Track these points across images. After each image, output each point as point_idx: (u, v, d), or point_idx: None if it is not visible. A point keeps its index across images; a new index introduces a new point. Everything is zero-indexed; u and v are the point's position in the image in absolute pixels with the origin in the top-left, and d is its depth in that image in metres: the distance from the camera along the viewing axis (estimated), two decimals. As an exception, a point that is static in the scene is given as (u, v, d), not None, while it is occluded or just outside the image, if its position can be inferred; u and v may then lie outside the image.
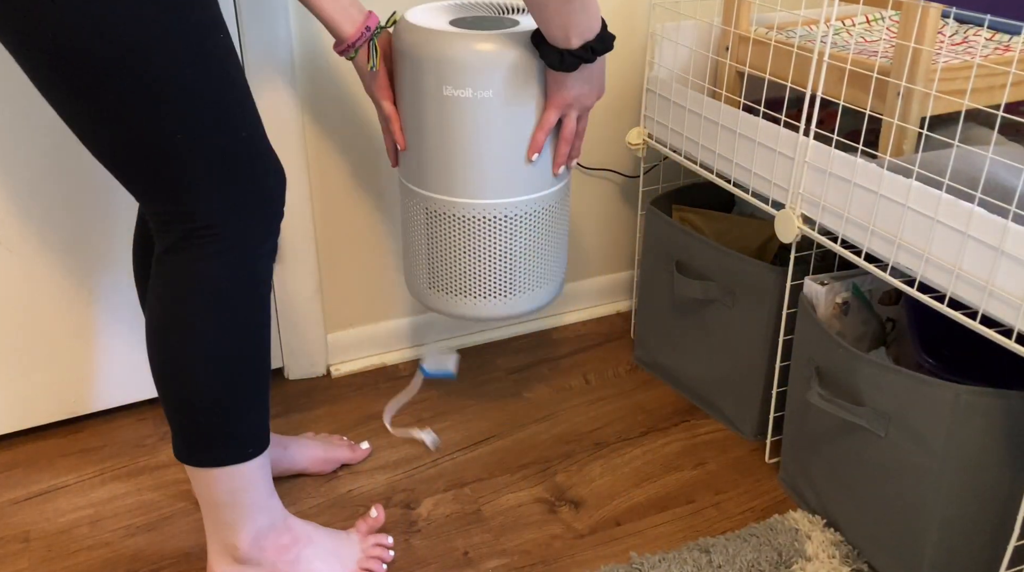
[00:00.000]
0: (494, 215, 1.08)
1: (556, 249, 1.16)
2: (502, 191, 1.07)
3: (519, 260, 1.12)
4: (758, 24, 1.32)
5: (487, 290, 1.13)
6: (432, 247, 1.12)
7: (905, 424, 0.99)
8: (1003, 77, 1.04)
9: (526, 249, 1.12)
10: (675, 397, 1.46)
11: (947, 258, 0.92)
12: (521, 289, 1.15)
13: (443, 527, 1.18)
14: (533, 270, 1.14)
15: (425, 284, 1.16)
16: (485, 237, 1.09)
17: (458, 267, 1.12)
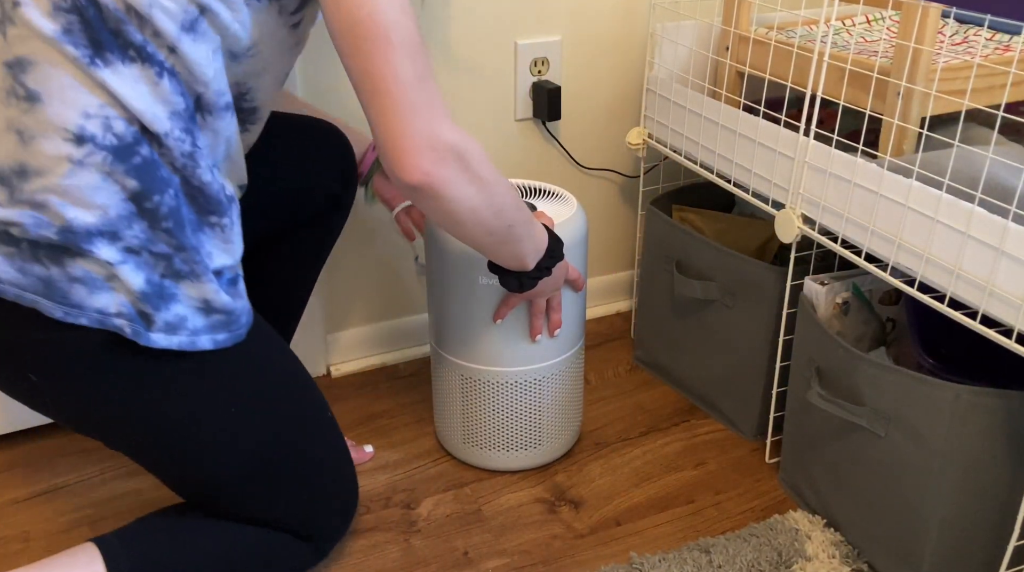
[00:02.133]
0: (524, 379, 1.21)
1: (575, 400, 1.29)
2: (530, 359, 1.20)
3: (546, 415, 1.25)
4: (758, 24, 1.32)
5: (518, 444, 1.26)
6: (467, 408, 1.24)
7: (905, 424, 0.99)
8: (1003, 77, 1.04)
9: (551, 405, 1.24)
10: (675, 397, 1.46)
11: (947, 258, 0.92)
12: (548, 440, 1.27)
13: (443, 527, 1.18)
14: (557, 422, 1.27)
15: (460, 440, 1.28)
16: (516, 397, 1.22)
17: (491, 424, 1.24)
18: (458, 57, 1.40)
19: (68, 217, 0.75)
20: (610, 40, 1.50)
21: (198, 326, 0.84)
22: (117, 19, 0.74)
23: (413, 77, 0.77)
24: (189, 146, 0.80)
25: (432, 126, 0.78)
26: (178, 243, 0.81)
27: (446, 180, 0.80)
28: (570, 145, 1.55)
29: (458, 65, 1.40)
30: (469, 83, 1.42)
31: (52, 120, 0.74)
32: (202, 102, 0.81)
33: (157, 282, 0.81)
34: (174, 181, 0.80)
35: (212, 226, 0.84)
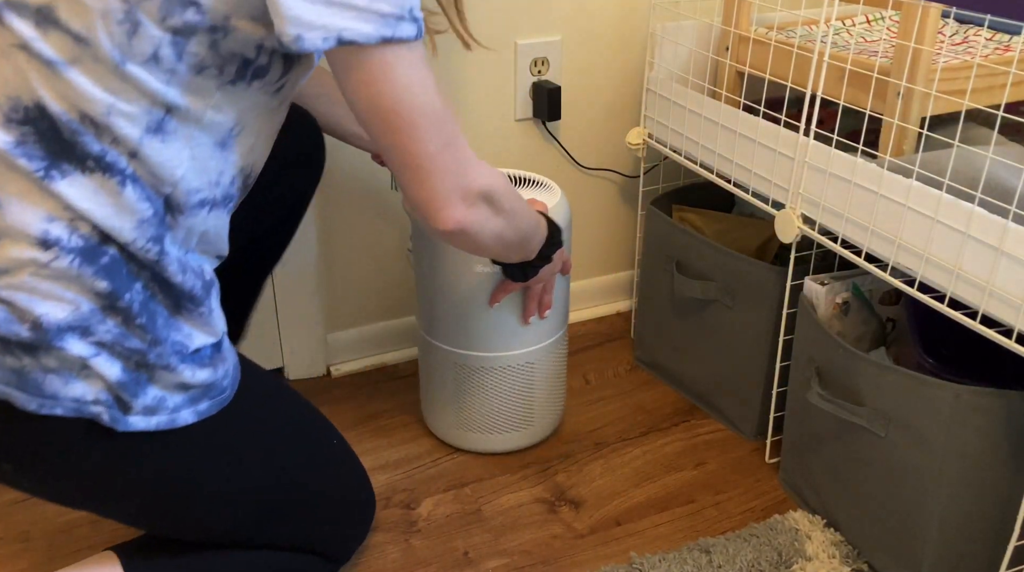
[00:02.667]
0: (515, 363, 1.24)
1: (560, 383, 1.33)
2: (520, 343, 1.23)
3: (536, 397, 1.28)
4: (758, 24, 1.32)
5: (508, 426, 1.29)
6: (459, 394, 1.27)
7: (905, 424, 0.99)
8: (1003, 77, 1.04)
9: (540, 387, 1.28)
10: (675, 397, 1.46)
11: (947, 258, 0.92)
12: (537, 421, 1.30)
13: (443, 527, 1.18)
14: (545, 404, 1.30)
15: (451, 424, 1.30)
16: (507, 381, 1.25)
17: (483, 408, 1.27)
18: (458, 57, 1.40)
19: (37, 313, 0.73)
20: (610, 40, 1.50)
21: (177, 403, 0.82)
22: (72, 130, 0.71)
23: (441, 147, 0.78)
24: (155, 255, 0.77)
25: (460, 181, 0.80)
26: (153, 338, 0.79)
27: (477, 224, 0.83)
28: (570, 145, 1.55)
29: (458, 65, 1.40)
30: (469, 83, 1.42)
31: (14, 225, 0.72)
32: (171, 202, 0.78)
33: (132, 373, 0.79)
34: (143, 274, 0.78)
35: (188, 312, 0.82)
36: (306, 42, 0.69)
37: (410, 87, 0.74)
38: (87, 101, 0.71)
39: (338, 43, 0.70)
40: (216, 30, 0.72)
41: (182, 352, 0.81)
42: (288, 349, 1.47)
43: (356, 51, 0.72)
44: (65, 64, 0.70)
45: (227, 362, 0.87)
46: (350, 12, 0.69)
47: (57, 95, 0.70)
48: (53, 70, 0.70)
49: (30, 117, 0.71)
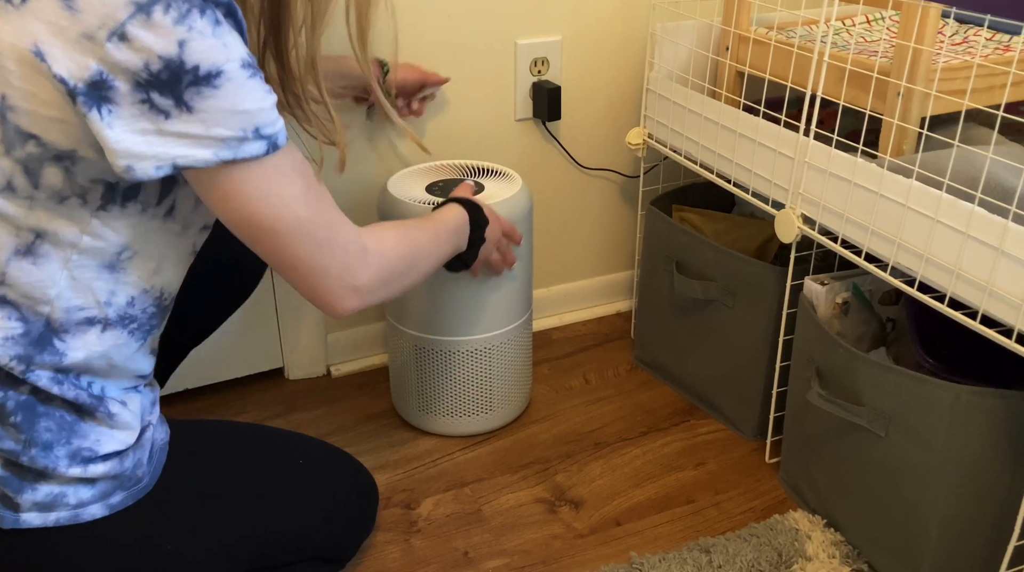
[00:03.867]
0: (475, 348, 1.28)
1: (524, 369, 1.37)
2: (480, 328, 1.27)
3: (496, 382, 1.32)
4: (758, 24, 1.32)
5: (470, 409, 1.33)
6: (421, 377, 1.31)
7: (905, 424, 0.99)
8: (1003, 77, 1.04)
9: (500, 372, 1.31)
10: (675, 397, 1.46)
11: (947, 258, 0.92)
12: (498, 406, 1.34)
13: (443, 527, 1.18)
14: (507, 389, 1.34)
15: (416, 408, 1.34)
16: (467, 365, 1.29)
17: (444, 392, 1.31)
18: (458, 57, 1.40)
19: None
20: (610, 40, 1.50)
21: (83, 498, 0.79)
22: None
23: (314, 250, 0.78)
24: (20, 373, 0.76)
25: (344, 279, 0.82)
26: (28, 439, 0.77)
27: (375, 298, 0.88)
28: (570, 145, 1.54)
29: (458, 65, 1.40)
30: (469, 83, 1.42)
31: None
32: (52, 320, 0.77)
33: (8, 472, 0.77)
34: (24, 387, 0.77)
35: (86, 419, 0.80)
36: (137, 172, 0.69)
37: (266, 200, 0.74)
38: None
39: (173, 169, 0.70)
40: (63, 158, 0.72)
41: (87, 456, 0.79)
42: (288, 349, 1.47)
43: (203, 172, 0.72)
44: None
45: (143, 451, 0.84)
46: (185, 140, 0.69)
47: None
48: None
49: None
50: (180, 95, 0.67)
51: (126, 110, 0.67)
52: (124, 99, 0.67)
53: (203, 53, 0.67)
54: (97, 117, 0.67)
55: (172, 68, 0.66)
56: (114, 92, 0.66)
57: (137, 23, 0.65)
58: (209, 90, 0.68)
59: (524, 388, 1.39)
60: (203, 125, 0.68)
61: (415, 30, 1.35)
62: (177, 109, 0.67)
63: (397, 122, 1.08)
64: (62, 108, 0.68)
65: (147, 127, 0.68)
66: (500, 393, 1.33)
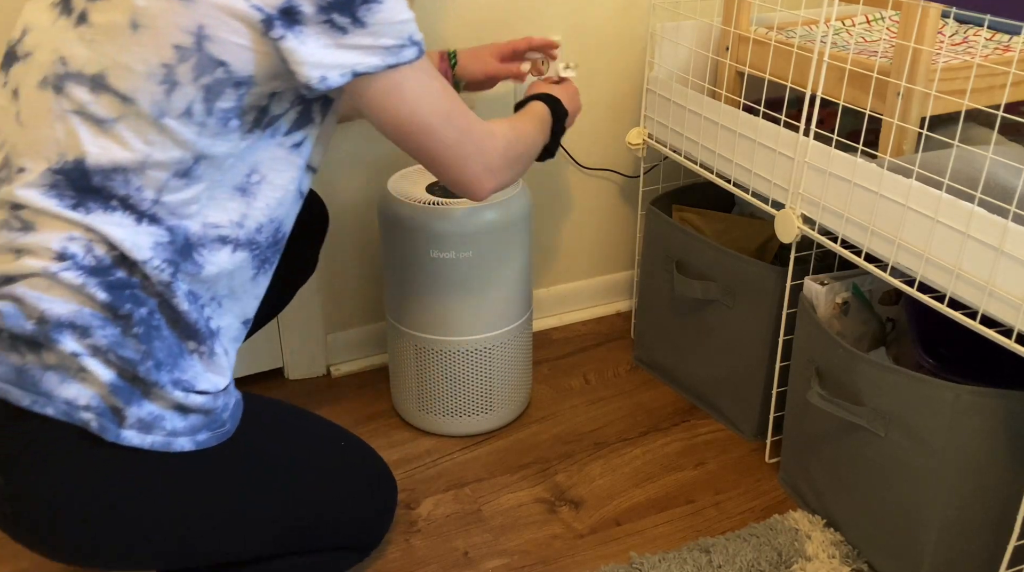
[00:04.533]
0: (474, 348, 1.28)
1: (524, 369, 1.37)
2: (482, 328, 1.27)
3: (495, 382, 1.32)
4: (758, 24, 1.32)
5: (469, 409, 1.33)
6: (421, 376, 1.31)
7: (905, 424, 0.99)
8: (1003, 77, 1.04)
9: (500, 372, 1.32)
10: (675, 397, 1.46)
11: (947, 258, 0.92)
12: (498, 406, 1.34)
13: (443, 527, 1.18)
14: (506, 388, 1.34)
15: (416, 407, 1.34)
16: (466, 365, 1.29)
17: (444, 391, 1.31)
18: (458, 57, 1.39)
19: (43, 308, 0.78)
20: (610, 40, 1.50)
21: (177, 427, 0.83)
22: (104, 178, 0.80)
23: (457, 137, 0.90)
24: (168, 276, 0.82)
25: (483, 160, 0.93)
26: (146, 350, 0.81)
27: (507, 181, 0.98)
28: (570, 145, 1.54)
29: (458, 65, 1.40)
30: (469, 83, 1.42)
31: (40, 243, 0.80)
32: (191, 236, 0.84)
33: (125, 383, 0.81)
34: (151, 302, 0.82)
35: (192, 352, 0.85)
36: (329, 80, 0.81)
37: (419, 97, 0.86)
38: (126, 152, 0.79)
39: (352, 76, 0.81)
40: (240, 84, 0.80)
41: (186, 388, 0.84)
42: (288, 349, 1.47)
43: (369, 79, 0.83)
44: (112, 121, 0.79)
45: (230, 397, 0.89)
46: (359, 51, 0.81)
47: (99, 148, 0.79)
48: (101, 127, 0.79)
49: (68, 169, 0.80)
50: (355, 13, 0.79)
51: (312, 29, 0.79)
52: (310, 21, 0.78)
53: None
54: (291, 38, 0.78)
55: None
56: (302, 16, 0.78)
57: None
58: (376, 5, 0.80)
59: (524, 388, 1.39)
60: (372, 37, 0.81)
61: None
62: (353, 25, 0.80)
63: None
64: (252, 37, 0.78)
65: (329, 42, 0.80)
66: (500, 393, 1.33)
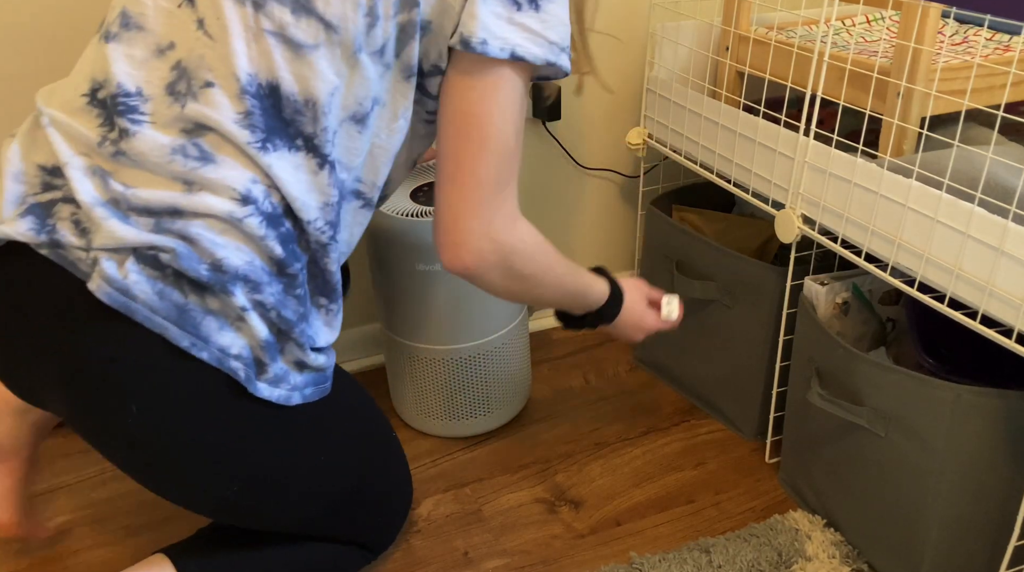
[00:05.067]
0: (469, 354, 1.27)
1: (522, 370, 1.37)
2: (474, 335, 1.26)
3: (492, 385, 1.32)
4: (758, 24, 1.32)
5: (469, 413, 1.33)
6: (416, 383, 1.31)
7: (905, 424, 0.99)
8: (1003, 77, 1.04)
9: (495, 376, 1.31)
10: (675, 397, 1.46)
11: (947, 258, 0.92)
12: (498, 407, 1.35)
13: (443, 527, 1.18)
14: (503, 391, 1.34)
15: (414, 412, 1.35)
16: (460, 372, 1.29)
17: (440, 397, 1.31)
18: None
19: (219, 255, 0.76)
20: (610, 40, 1.50)
21: (296, 382, 0.85)
22: (294, 110, 0.78)
23: (493, 178, 0.81)
24: (327, 238, 0.82)
25: (489, 227, 0.83)
26: (303, 313, 0.83)
27: (482, 277, 0.85)
28: (570, 145, 1.55)
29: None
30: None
31: (223, 180, 0.77)
32: (344, 190, 0.84)
33: (274, 339, 0.82)
34: (303, 258, 0.82)
35: (320, 307, 0.87)
36: (489, 47, 0.77)
37: (504, 111, 0.81)
38: (318, 82, 0.77)
39: (511, 56, 0.78)
40: (424, 29, 0.79)
41: (310, 335, 0.85)
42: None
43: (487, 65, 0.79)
44: (311, 47, 0.77)
45: (332, 355, 0.90)
46: (526, 33, 0.78)
47: (294, 75, 0.77)
48: (298, 52, 0.77)
49: (262, 94, 0.77)
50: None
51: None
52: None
53: None
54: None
55: None
56: None
57: None
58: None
59: (523, 389, 1.39)
60: (542, 24, 0.78)
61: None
62: (529, 4, 0.77)
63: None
64: None
65: (502, 13, 0.77)
66: (498, 396, 1.33)
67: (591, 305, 1.02)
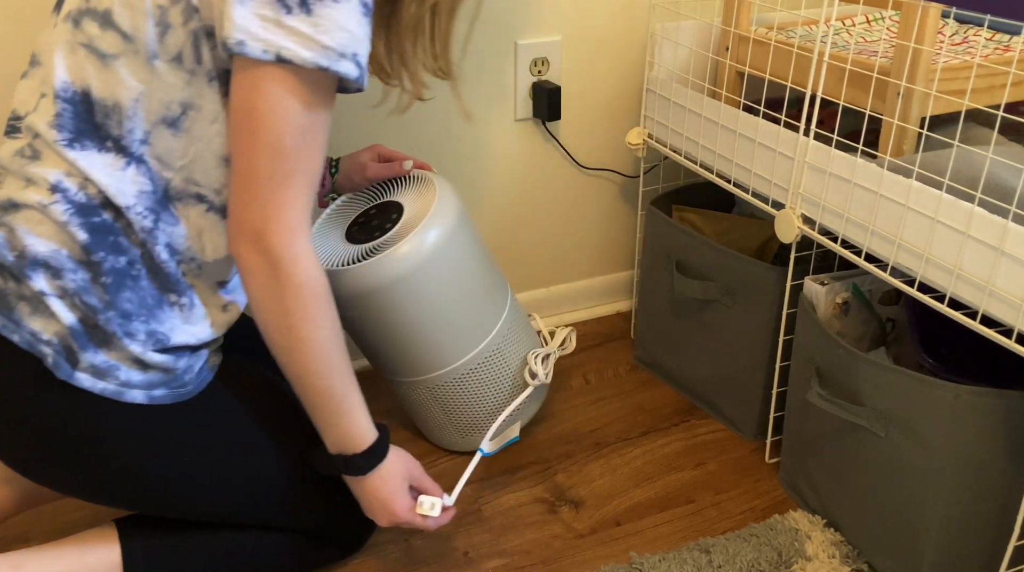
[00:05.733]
0: (453, 377, 1.20)
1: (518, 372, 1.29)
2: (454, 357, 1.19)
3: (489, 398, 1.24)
4: (758, 24, 1.32)
5: (465, 429, 1.27)
6: (408, 411, 1.29)
7: (905, 424, 0.99)
8: (1003, 77, 1.04)
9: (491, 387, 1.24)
10: (675, 397, 1.45)
11: (947, 258, 0.92)
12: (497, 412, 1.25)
13: (443, 527, 1.18)
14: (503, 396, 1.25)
15: (455, 437, 1.29)
16: (449, 394, 1.22)
17: (432, 419, 1.27)
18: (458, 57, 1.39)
19: (26, 243, 0.83)
20: (610, 40, 1.50)
21: (132, 379, 0.86)
22: (104, 114, 0.83)
23: (265, 176, 0.81)
24: (150, 223, 0.86)
25: (263, 226, 0.82)
26: (109, 301, 0.84)
27: (245, 275, 0.85)
28: (570, 145, 1.55)
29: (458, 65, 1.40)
30: (469, 83, 1.42)
31: (40, 174, 0.84)
32: (171, 189, 0.86)
33: (83, 329, 0.84)
34: (133, 252, 0.86)
35: (172, 304, 0.89)
36: (247, 49, 0.77)
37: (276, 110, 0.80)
38: (122, 89, 0.82)
39: (277, 59, 0.78)
40: (211, 35, 0.81)
41: (159, 340, 0.87)
42: (288, 349, 1.47)
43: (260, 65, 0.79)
44: (113, 57, 0.82)
45: (197, 360, 0.92)
46: (295, 37, 0.77)
47: (102, 83, 0.83)
48: (104, 62, 0.83)
49: (76, 99, 0.84)
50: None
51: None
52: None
53: None
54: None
55: None
56: None
57: None
58: (331, 0, 0.77)
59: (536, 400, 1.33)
60: (314, 28, 0.77)
61: (415, 30, 1.34)
62: (299, 8, 0.77)
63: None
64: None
65: (269, 15, 0.77)
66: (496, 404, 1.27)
67: (344, 438, 0.93)
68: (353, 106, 1.35)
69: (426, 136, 1.42)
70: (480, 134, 1.47)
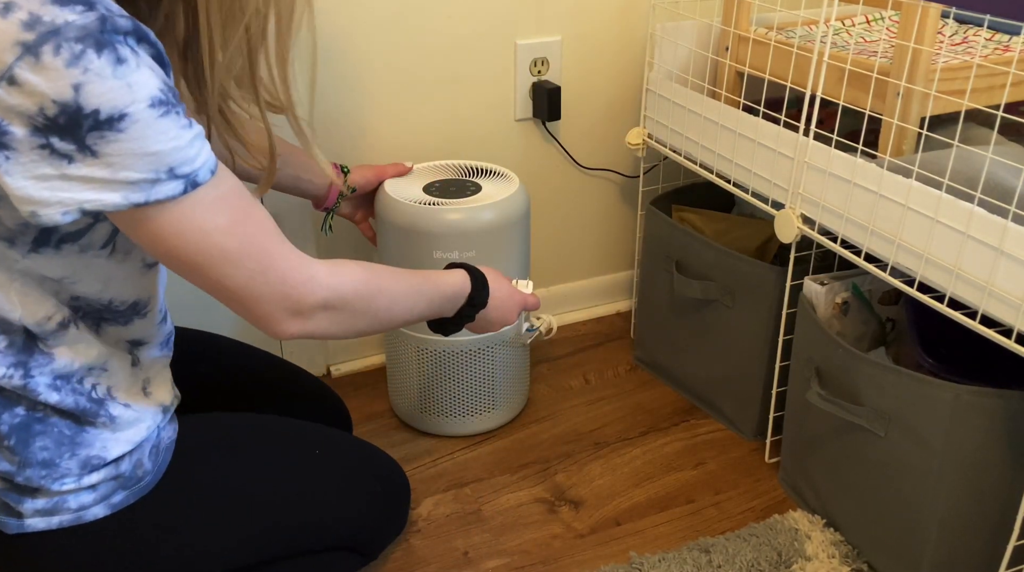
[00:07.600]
0: (475, 348, 1.28)
1: (523, 367, 1.37)
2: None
3: (497, 381, 1.32)
4: (758, 24, 1.32)
5: (470, 410, 1.33)
6: (421, 379, 1.31)
7: (905, 424, 0.99)
8: (1003, 77, 1.04)
9: (502, 371, 1.32)
10: (675, 397, 1.46)
11: (947, 258, 0.92)
12: (499, 405, 1.35)
13: (443, 527, 1.18)
14: (508, 387, 1.34)
15: (415, 409, 1.35)
16: (468, 366, 1.29)
17: (444, 393, 1.31)
18: (458, 57, 1.40)
19: None
20: (610, 40, 1.50)
21: (84, 502, 0.81)
22: None
23: (248, 278, 0.75)
24: (20, 380, 0.77)
25: (286, 302, 0.77)
26: (22, 460, 0.78)
27: (320, 330, 0.81)
28: (570, 145, 1.55)
29: (458, 65, 1.40)
30: (469, 83, 1.42)
31: None
32: (28, 331, 0.77)
33: (9, 488, 0.80)
34: (18, 407, 0.78)
35: (93, 425, 0.81)
36: (43, 218, 0.66)
37: (185, 236, 0.71)
38: None
39: (82, 214, 0.67)
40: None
41: (96, 464, 0.81)
42: (287, 349, 1.47)
43: (118, 214, 0.69)
44: None
45: (140, 451, 0.84)
46: (92, 184, 0.66)
47: None
48: None
49: None
50: (82, 140, 0.64)
51: (25, 156, 0.64)
52: (22, 145, 0.63)
53: (102, 96, 0.63)
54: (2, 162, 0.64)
55: (69, 113, 0.62)
56: (10, 138, 0.63)
57: (25, 66, 0.61)
58: (113, 134, 0.64)
59: (523, 387, 1.39)
60: (110, 169, 0.65)
61: (415, 30, 1.35)
62: (80, 154, 0.64)
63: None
64: None
65: (49, 172, 0.65)
66: (501, 392, 1.33)
67: (456, 298, 0.97)
68: (353, 107, 1.35)
69: (426, 136, 1.42)
70: (480, 134, 1.47)
